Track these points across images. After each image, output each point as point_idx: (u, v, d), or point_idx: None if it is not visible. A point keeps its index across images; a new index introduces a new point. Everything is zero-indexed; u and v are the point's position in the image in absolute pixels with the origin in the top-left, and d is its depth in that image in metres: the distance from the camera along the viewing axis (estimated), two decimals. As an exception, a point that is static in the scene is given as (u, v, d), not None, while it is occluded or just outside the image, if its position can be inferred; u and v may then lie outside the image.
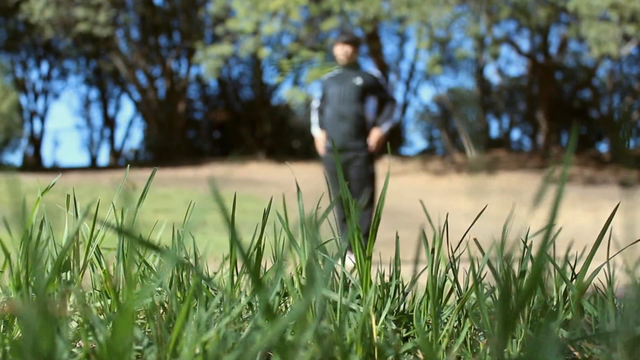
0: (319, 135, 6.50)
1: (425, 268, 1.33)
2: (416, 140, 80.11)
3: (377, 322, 1.17)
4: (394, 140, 26.64)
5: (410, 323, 1.31)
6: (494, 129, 32.82)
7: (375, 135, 6.30)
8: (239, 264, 2.39)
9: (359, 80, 6.36)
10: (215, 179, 18.67)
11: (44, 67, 28.15)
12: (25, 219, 1.40)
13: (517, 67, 37.26)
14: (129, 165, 1.81)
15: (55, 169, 22.80)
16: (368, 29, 19.78)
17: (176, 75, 26.06)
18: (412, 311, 1.37)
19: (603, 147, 28.01)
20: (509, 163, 21.19)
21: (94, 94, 33.14)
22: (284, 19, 19.32)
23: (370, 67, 6.55)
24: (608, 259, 1.33)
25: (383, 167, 20.66)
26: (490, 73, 49.51)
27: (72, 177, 18.45)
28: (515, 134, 33.78)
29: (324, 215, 1.33)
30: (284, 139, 29.23)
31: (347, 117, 6.31)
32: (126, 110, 69.36)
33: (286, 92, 19.94)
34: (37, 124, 27.72)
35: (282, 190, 10.83)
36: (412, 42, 27.43)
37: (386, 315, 1.21)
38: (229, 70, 28.52)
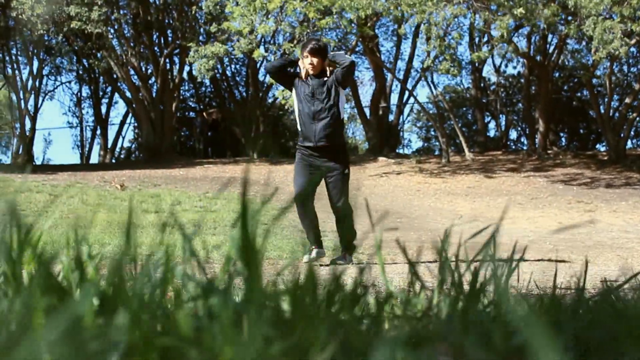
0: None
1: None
2: (413, 140, 79.98)
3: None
4: (391, 140, 26.39)
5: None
6: (492, 129, 32.50)
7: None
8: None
9: (327, 84, 6.31)
10: (207, 180, 18.45)
11: (35, 64, 27.78)
12: None
13: (515, 66, 36.90)
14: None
15: (46, 167, 22.52)
16: (367, 29, 19.47)
17: (169, 74, 25.79)
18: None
19: (602, 148, 27.72)
20: (506, 163, 20.92)
21: (85, 92, 32.83)
22: (278, 17, 19.00)
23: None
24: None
25: (379, 167, 20.40)
26: (488, 72, 49.23)
27: (62, 176, 18.18)
28: (513, 134, 33.47)
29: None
30: (278, 139, 28.99)
31: (321, 115, 6.27)
32: (119, 109, 69.23)
33: (279, 91, 19.64)
34: (27, 122, 27.43)
35: (274, 191, 10.42)
36: (409, 41, 27.06)
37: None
38: (223, 68, 28.26)
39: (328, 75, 6.39)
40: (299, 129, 6.46)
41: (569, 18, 18.15)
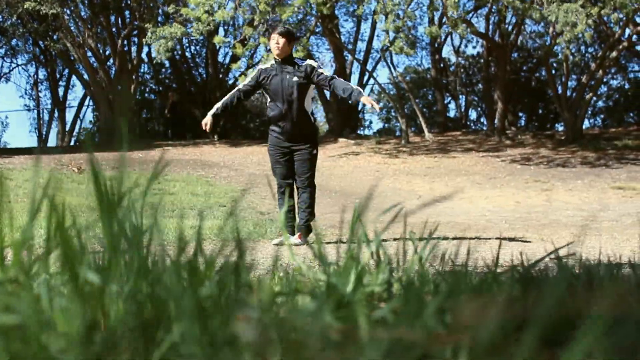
0: (208, 117, 6.66)
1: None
2: (373, 121, 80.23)
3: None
4: (351, 121, 26.40)
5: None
6: (452, 110, 32.71)
7: (368, 101, 6.32)
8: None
9: (295, 77, 6.43)
10: (167, 161, 18.26)
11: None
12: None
13: (475, 47, 37.11)
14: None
15: (2, 151, 22.17)
16: (324, 8, 19.34)
17: (127, 55, 25.45)
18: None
19: (561, 127, 28.04)
20: (465, 143, 21.07)
21: (42, 74, 32.26)
22: (237, 2, 18.82)
23: (303, 59, 6.72)
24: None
25: (339, 148, 20.42)
26: (448, 53, 49.44)
27: (19, 160, 17.93)
28: (473, 115, 33.75)
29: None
30: (239, 120, 28.82)
31: (292, 114, 6.46)
32: (76, 92, 68.11)
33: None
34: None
35: (235, 173, 10.66)
36: (369, 22, 27.06)
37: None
38: (182, 50, 27.99)
39: (298, 68, 6.47)
40: (271, 120, 6.62)
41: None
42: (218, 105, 6.69)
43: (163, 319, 0.77)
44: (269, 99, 6.63)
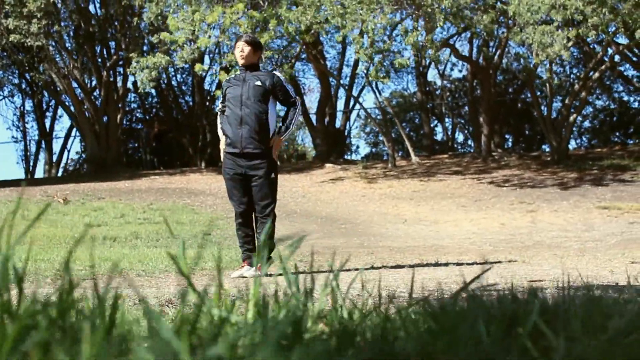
0: (222, 139, 6.35)
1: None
2: (361, 146, 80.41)
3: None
4: (338, 147, 26.46)
5: None
6: (439, 133, 32.88)
7: (276, 144, 6.25)
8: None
9: (258, 82, 6.18)
10: (153, 191, 18.26)
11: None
12: None
13: (461, 70, 37.36)
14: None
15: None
16: (307, 37, 19.39)
17: (113, 85, 25.46)
18: None
19: (547, 148, 28.17)
20: (451, 166, 21.11)
21: (29, 105, 32.18)
22: (222, 28, 18.86)
23: (271, 70, 6.57)
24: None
25: (326, 174, 20.42)
26: (434, 76, 49.64)
27: (4, 192, 17.85)
28: (460, 137, 33.89)
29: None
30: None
31: (248, 120, 6.13)
32: (63, 122, 67.95)
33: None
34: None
35: (221, 201, 10.54)
36: (353, 48, 27.18)
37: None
38: (168, 78, 28.03)
39: (263, 75, 6.25)
40: (226, 134, 6.23)
41: (510, 22, 18.39)
42: (222, 137, 6.34)
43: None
44: (227, 109, 6.27)
